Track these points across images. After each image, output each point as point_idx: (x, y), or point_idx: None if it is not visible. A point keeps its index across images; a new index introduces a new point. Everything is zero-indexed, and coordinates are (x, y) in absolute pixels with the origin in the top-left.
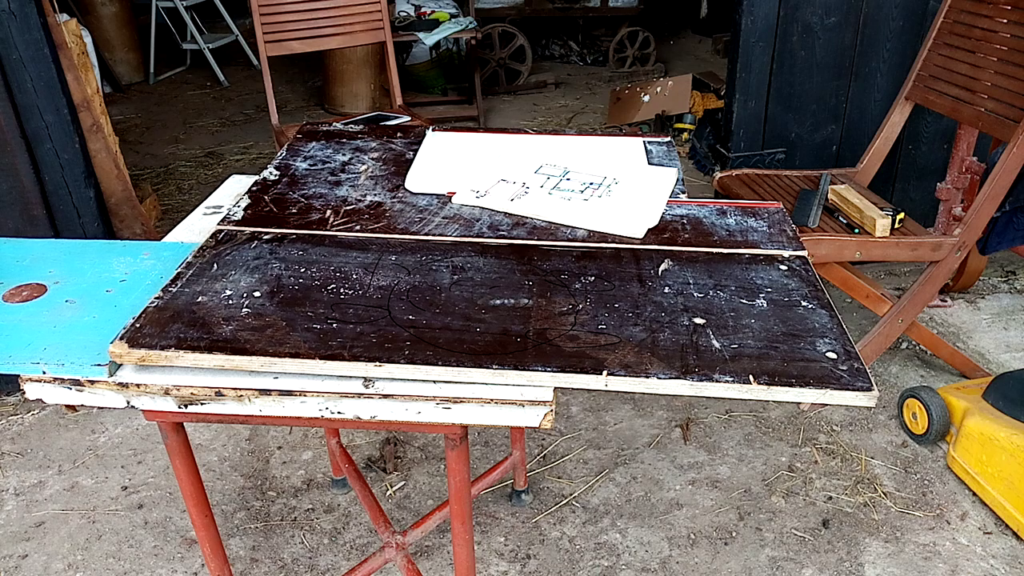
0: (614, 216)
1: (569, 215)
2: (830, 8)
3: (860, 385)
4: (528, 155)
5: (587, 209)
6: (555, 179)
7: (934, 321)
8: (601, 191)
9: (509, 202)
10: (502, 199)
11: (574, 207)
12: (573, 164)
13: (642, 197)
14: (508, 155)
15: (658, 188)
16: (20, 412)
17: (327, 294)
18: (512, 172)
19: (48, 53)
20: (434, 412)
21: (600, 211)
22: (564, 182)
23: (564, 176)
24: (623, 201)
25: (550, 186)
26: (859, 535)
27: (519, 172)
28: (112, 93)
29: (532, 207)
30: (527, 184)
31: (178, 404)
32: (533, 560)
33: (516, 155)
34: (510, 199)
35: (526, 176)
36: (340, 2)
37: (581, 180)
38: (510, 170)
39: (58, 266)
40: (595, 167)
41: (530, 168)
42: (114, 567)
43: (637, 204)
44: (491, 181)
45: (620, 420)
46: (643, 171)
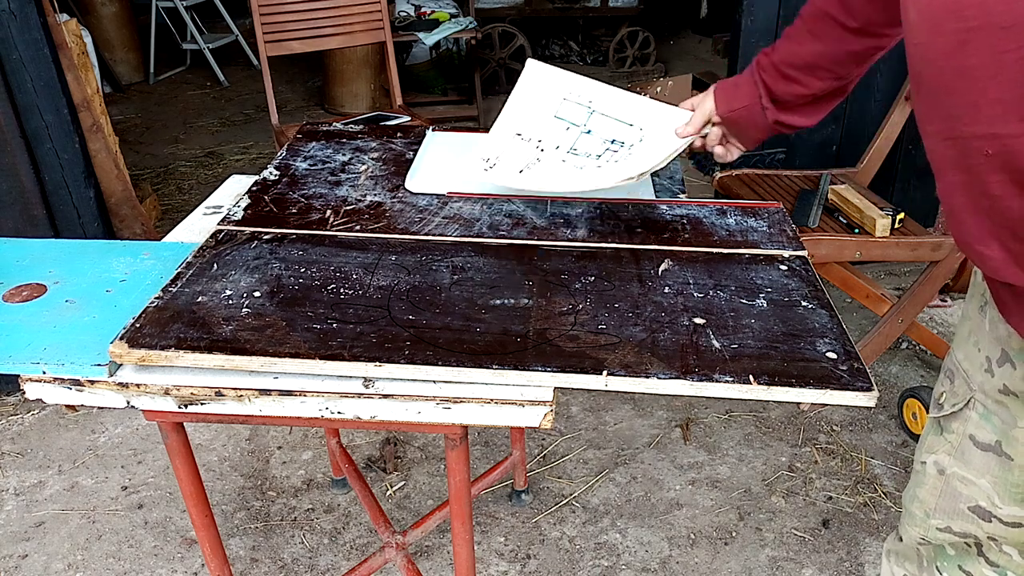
0: (617, 171)
1: (577, 184)
2: None
3: (860, 385)
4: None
5: (596, 177)
6: (575, 131)
7: (934, 321)
8: (621, 153)
9: (518, 174)
10: (511, 169)
11: (584, 176)
12: (598, 100)
13: (657, 146)
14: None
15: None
16: (20, 412)
17: (327, 294)
18: (527, 120)
19: (48, 53)
20: (434, 412)
21: (608, 174)
22: (584, 138)
23: (585, 125)
24: (641, 158)
25: (567, 144)
26: (859, 535)
27: (536, 118)
28: (112, 93)
29: (540, 179)
30: (542, 143)
31: (178, 404)
32: (533, 560)
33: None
34: (519, 169)
35: (543, 126)
36: (340, 2)
37: (604, 133)
38: (526, 117)
39: (58, 266)
40: (623, 108)
41: (550, 108)
42: (114, 567)
43: (649, 153)
44: (506, 138)
45: (620, 420)
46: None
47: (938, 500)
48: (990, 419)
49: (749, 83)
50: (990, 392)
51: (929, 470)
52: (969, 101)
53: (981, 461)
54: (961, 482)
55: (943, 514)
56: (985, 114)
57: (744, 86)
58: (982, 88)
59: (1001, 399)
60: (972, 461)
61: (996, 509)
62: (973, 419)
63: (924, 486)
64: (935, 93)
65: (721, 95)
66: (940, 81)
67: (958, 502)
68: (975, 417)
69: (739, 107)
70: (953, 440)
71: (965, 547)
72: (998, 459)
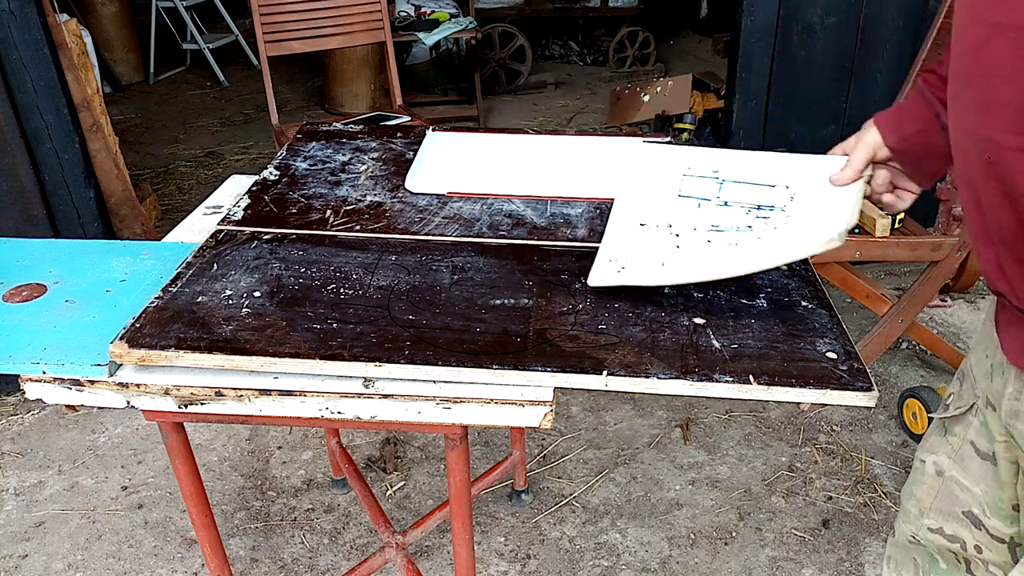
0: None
1: (744, 263)
2: (830, 8)
3: (860, 385)
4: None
5: (764, 250)
6: (708, 206)
7: (934, 321)
8: (776, 218)
9: (660, 268)
10: (649, 265)
11: (746, 253)
12: (725, 168)
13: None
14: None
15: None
16: (20, 412)
17: (327, 294)
18: (648, 206)
19: (48, 53)
20: (434, 412)
21: (781, 244)
22: (722, 211)
23: (719, 197)
24: (805, 219)
25: (705, 222)
26: (859, 535)
27: (658, 203)
28: (112, 93)
29: (691, 268)
30: (673, 227)
31: (178, 404)
32: (533, 560)
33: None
34: (660, 263)
35: (669, 209)
36: (340, 2)
37: (744, 201)
38: (645, 204)
39: (58, 266)
40: (757, 170)
41: (671, 189)
42: (114, 567)
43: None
44: (627, 234)
45: (620, 420)
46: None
47: (933, 500)
48: (988, 427)
49: (919, 103)
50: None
51: (928, 469)
52: (982, 99)
53: (979, 469)
54: (958, 486)
55: (937, 514)
56: (993, 116)
57: (913, 108)
58: (996, 88)
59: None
60: (970, 467)
61: (985, 519)
62: (975, 425)
63: (922, 485)
64: (959, 84)
65: (887, 123)
66: (964, 73)
67: (953, 505)
68: (976, 424)
69: (913, 131)
70: (954, 443)
71: (955, 561)
72: (993, 469)
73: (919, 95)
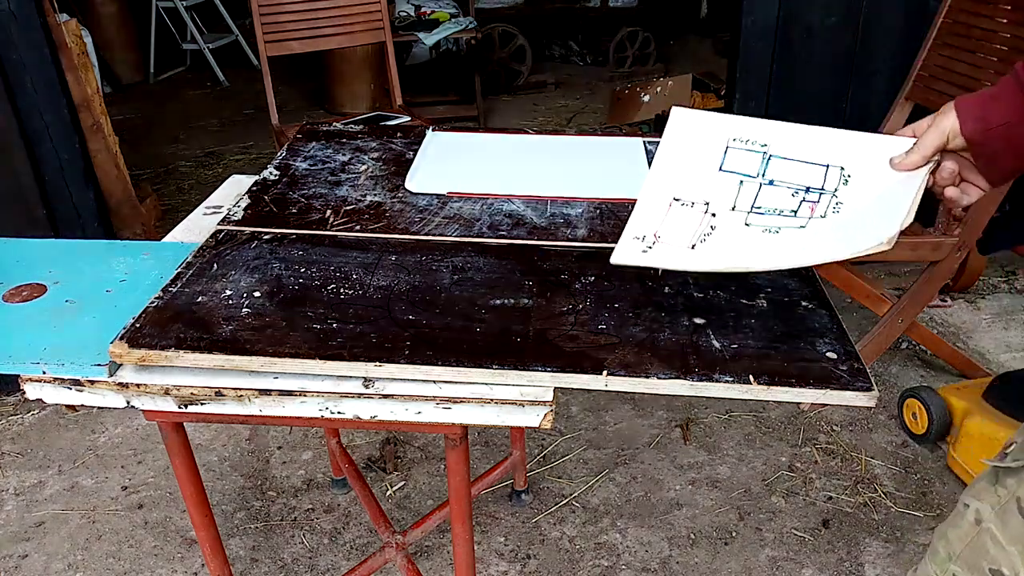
0: (845, 237)
1: (781, 257)
2: (830, 8)
3: (860, 385)
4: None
5: (808, 242)
6: (751, 184)
7: (934, 321)
8: (824, 204)
9: (690, 251)
10: (679, 245)
11: (786, 245)
12: (775, 142)
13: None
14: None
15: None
16: (20, 412)
17: (327, 294)
18: (684, 180)
19: (48, 53)
20: (434, 412)
21: (825, 239)
22: (766, 191)
23: (764, 173)
24: (856, 212)
25: (745, 202)
26: (859, 535)
27: (696, 176)
28: (112, 93)
29: (723, 255)
30: (710, 205)
31: (178, 404)
32: (533, 560)
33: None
34: (691, 244)
35: (707, 184)
36: (340, 2)
37: (791, 180)
38: (682, 177)
39: (58, 266)
40: (810, 146)
41: (712, 161)
42: (114, 567)
43: (877, 203)
44: (659, 209)
45: (620, 420)
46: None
47: (964, 548)
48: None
49: (1013, 92)
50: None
51: (968, 516)
52: None
53: (1019, 529)
54: (992, 541)
55: (964, 565)
56: None
57: (1004, 97)
58: None
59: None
60: (1011, 524)
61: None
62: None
63: (958, 529)
64: None
65: (969, 110)
66: None
67: (982, 559)
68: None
69: (998, 123)
70: (1002, 496)
71: None
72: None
73: (1016, 84)
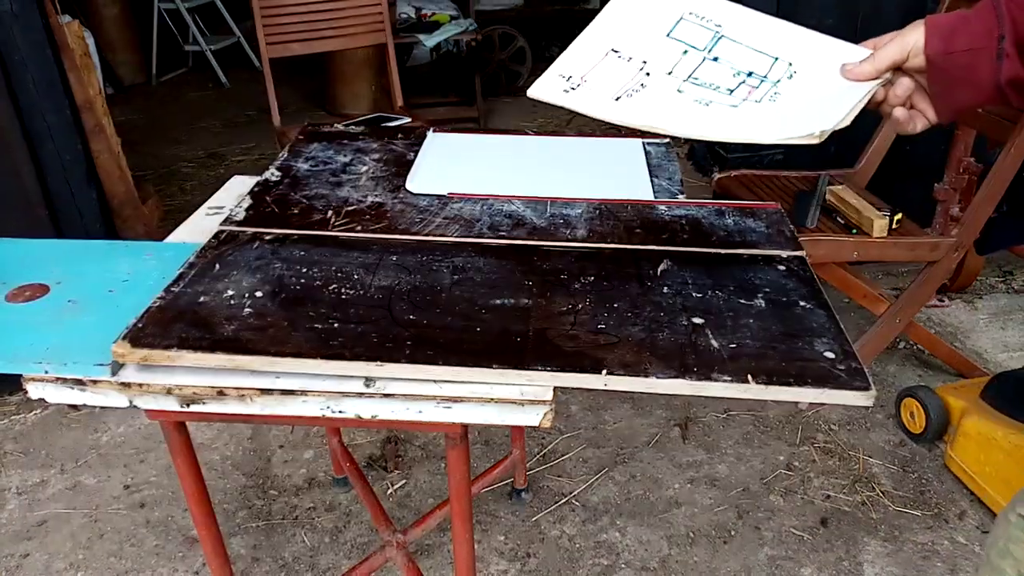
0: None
1: (702, 127)
2: (829, 8)
3: (858, 384)
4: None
5: (735, 120)
6: (695, 55)
7: (932, 321)
8: (763, 91)
9: (613, 102)
10: (603, 94)
11: (711, 117)
12: (730, 25)
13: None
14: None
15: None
16: (22, 412)
17: (328, 294)
18: (628, 35)
19: (50, 54)
20: (434, 411)
21: (752, 119)
22: (708, 65)
23: (711, 49)
24: (792, 103)
25: (684, 70)
26: (857, 534)
27: (641, 35)
28: (114, 94)
29: (645, 110)
30: (647, 64)
31: (180, 403)
32: (533, 559)
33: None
34: (615, 96)
35: (650, 45)
36: (341, 4)
37: (735, 63)
38: (626, 32)
39: (60, 266)
40: (765, 36)
41: (662, 27)
42: (116, 566)
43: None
44: (593, 55)
45: (619, 419)
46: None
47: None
48: None
49: (986, 16)
50: None
51: None
52: None
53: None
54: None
55: None
56: None
57: (976, 21)
58: None
59: None
60: None
61: None
62: None
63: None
64: None
65: (937, 28)
66: None
67: None
68: None
69: (961, 49)
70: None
71: None
72: None
73: (991, 8)
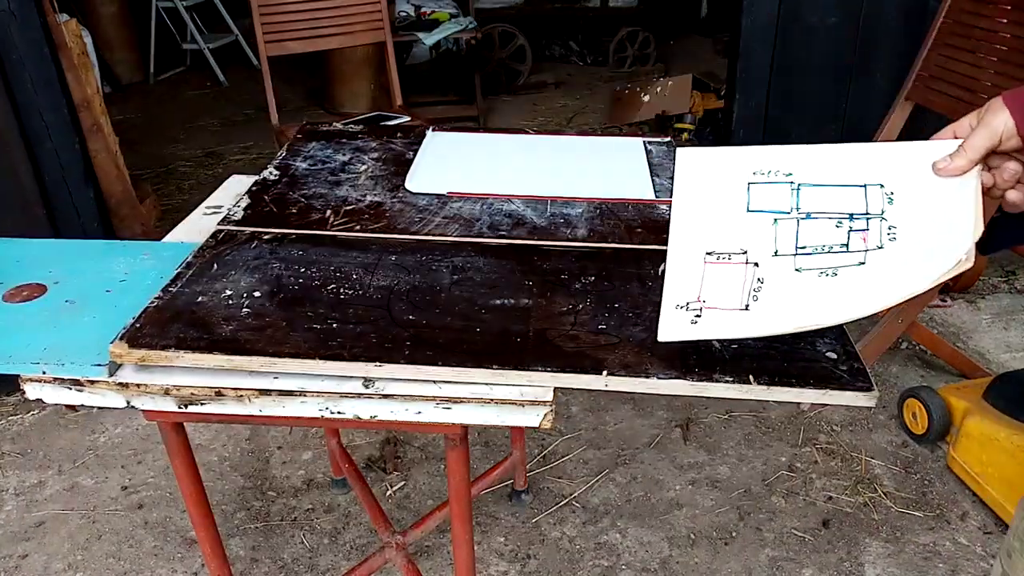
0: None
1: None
2: (830, 8)
3: (860, 385)
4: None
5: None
6: (788, 223)
7: (934, 321)
8: (876, 231)
9: (746, 313)
10: (731, 309)
11: (853, 285)
12: (800, 169)
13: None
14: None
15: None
16: (20, 412)
17: (327, 294)
18: (712, 228)
19: (48, 53)
20: (434, 412)
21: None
22: (805, 227)
23: (797, 207)
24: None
25: (787, 244)
26: (859, 535)
27: (724, 222)
28: (112, 93)
29: (787, 311)
30: (748, 252)
31: (178, 404)
32: (533, 560)
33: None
34: (743, 305)
35: (738, 229)
36: (340, 2)
37: (831, 212)
38: (708, 226)
39: (58, 266)
40: (840, 167)
41: (737, 202)
42: (114, 567)
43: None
44: (693, 269)
45: (620, 420)
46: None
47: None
48: None
49: None
50: None
51: None
52: None
53: None
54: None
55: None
56: None
57: None
58: None
59: None
60: None
61: None
62: None
63: None
64: None
65: (1020, 106)
66: None
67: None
68: None
69: None
70: None
71: None
72: None
73: None
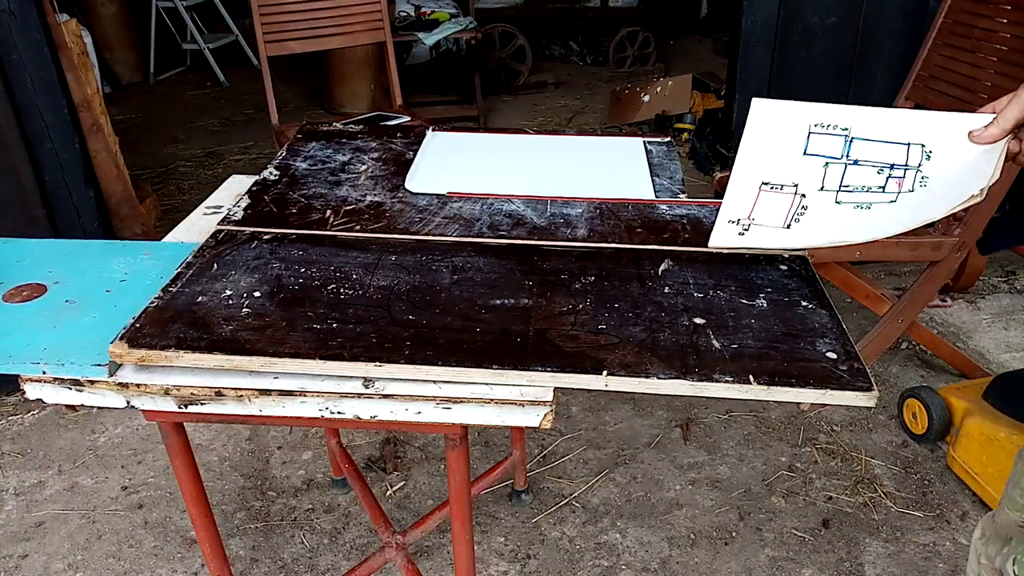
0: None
1: (876, 228)
2: (830, 8)
3: (860, 385)
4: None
5: (899, 212)
6: (836, 166)
7: (934, 321)
8: (911, 179)
9: (785, 230)
10: (773, 226)
11: (881, 215)
12: (855, 125)
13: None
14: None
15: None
16: (20, 412)
17: (327, 294)
18: (771, 165)
19: (48, 53)
20: (434, 412)
21: (916, 206)
22: (852, 170)
23: (847, 154)
24: (943, 179)
25: (833, 182)
26: (859, 535)
27: (782, 161)
28: (112, 93)
29: (818, 230)
30: (798, 187)
31: (178, 404)
32: (533, 560)
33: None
34: (785, 223)
35: (794, 168)
36: (340, 2)
37: (874, 160)
38: (768, 163)
39: (58, 266)
40: (890, 127)
41: (796, 147)
42: (114, 567)
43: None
44: (749, 194)
45: (620, 420)
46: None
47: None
48: None
49: None
50: None
51: None
52: None
53: None
54: None
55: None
56: None
57: None
58: None
59: None
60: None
61: None
62: None
63: None
64: None
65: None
66: None
67: None
68: None
69: None
70: None
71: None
72: None
73: None
